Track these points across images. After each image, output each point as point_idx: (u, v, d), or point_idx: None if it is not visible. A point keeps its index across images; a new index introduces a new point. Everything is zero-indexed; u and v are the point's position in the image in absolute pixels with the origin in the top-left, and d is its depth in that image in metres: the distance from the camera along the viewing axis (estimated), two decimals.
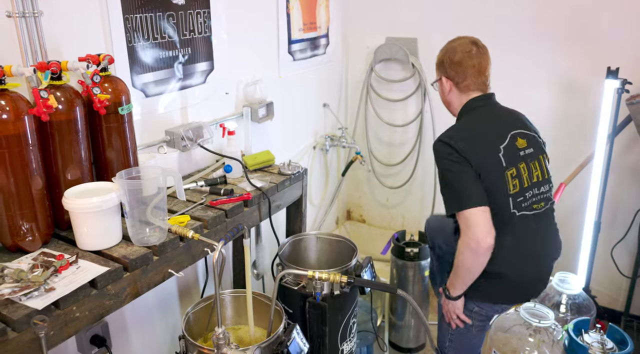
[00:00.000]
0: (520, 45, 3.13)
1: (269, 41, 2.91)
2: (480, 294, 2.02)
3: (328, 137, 3.52)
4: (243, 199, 2.13)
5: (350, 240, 2.39)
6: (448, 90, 2.07)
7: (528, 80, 3.17)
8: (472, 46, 2.02)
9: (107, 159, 1.96)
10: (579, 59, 3.00)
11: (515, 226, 1.91)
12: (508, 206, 1.88)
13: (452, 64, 2.01)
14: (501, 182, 1.87)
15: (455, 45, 2.05)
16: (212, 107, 2.59)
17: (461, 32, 3.29)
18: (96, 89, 1.76)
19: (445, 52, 2.05)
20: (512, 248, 1.91)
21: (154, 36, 2.21)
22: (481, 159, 1.88)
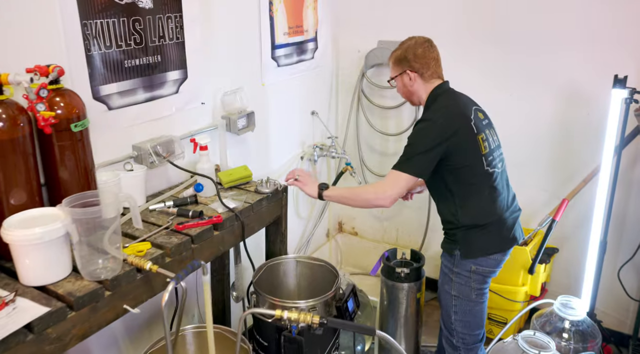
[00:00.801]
0: (520, 52, 2.94)
1: (250, 46, 2.72)
2: (475, 249, 2.18)
3: (317, 147, 3.33)
4: (212, 223, 1.94)
5: (331, 265, 2.21)
6: (412, 82, 2.25)
7: (529, 89, 2.97)
8: (427, 43, 2.26)
9: (60, 180, 1.77)
10: (583, 67, 2.80)
11: (490, 181, 2.17)
12: (482, 164, 2.14)
13: (416, 58, 2.22)
14: (475, 146, 2.14)
15: (413, 43, 2.26)
16: (186, 119, 2.40)
17: (459, 36, 3.14)
18: (40, 105, 1.58)
19: (406, 49, 2.25)
20: (489, 199, 2.18)
21: (118, 43, 2.02)
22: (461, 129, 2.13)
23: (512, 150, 3.05)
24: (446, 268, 2.27)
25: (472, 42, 3.06)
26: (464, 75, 3.11)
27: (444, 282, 2.30)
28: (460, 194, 2.16)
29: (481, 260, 2.19)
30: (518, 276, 2.88)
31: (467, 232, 2.17)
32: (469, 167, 2.13)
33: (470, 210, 2.16)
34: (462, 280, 2.22)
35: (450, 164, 2.11)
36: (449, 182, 2.16)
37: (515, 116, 3.02)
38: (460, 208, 2.16)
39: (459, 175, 2.14)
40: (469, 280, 2.21)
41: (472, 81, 3.09)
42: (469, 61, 3.08)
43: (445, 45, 3.08)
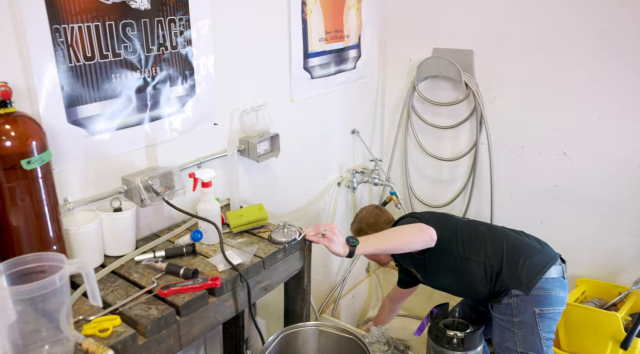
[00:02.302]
0: (597, 62, 2.40)
1: (278, 55, 2.27)
2: (530, 273, 2.00)
3: (357, 172, 2.86)
4: (207, 287, 1.51)
5: (362, 340, 1.73)
6: None
7: (608, 107, 2.43)
8: (377, 209, 2.42)
9: (12, 229, 1.38)
10: None
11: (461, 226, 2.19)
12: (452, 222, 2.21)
13: (370, 227, 2.34)
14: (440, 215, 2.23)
15: (363, 215, 2.42)
16: (194, 144, 1.98)
17: (527, 43, 2.60)
18: None
19: (359, 222, 2.41)
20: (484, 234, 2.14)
21: (102, 53, 1.61)
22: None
23: (597, 187, 2.52)
24: (504, 321, 2.04)
25: (546, 52, 2.52)
26: (535, 95, 2.59)
27: (504, 339, 2.05)
28: (466, 249, 2.07)
29: (543, 298, 1.98)
30: (605, 348, 2.31)
31: (509, 266, 2.01)
32: (448, 226, 2.13)
33: (486, 246, 2.06)
34: (528, 330, 1.99)
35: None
36: (448, 250, 2.08)
37: (604, 143, 2.47)
38: (478, 254, 2.05)
39: (446, 237, 2.06)
40: (535, 328, 1.99)
41: (548, 101, 2.56)
42: (543, 76, 2.55)
43: (510, 56, 2.60)
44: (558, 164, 2.62)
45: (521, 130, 2.69)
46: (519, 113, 2.67)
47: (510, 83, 2.66)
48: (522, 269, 1.99)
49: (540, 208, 2.72)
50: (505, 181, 2.82)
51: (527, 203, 2.76)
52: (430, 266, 2.10)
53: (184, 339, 1.46)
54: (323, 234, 1.80)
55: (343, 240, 1.83)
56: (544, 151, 2.65)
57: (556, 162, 2.63)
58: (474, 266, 2.04)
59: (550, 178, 2.68)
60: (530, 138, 2.67)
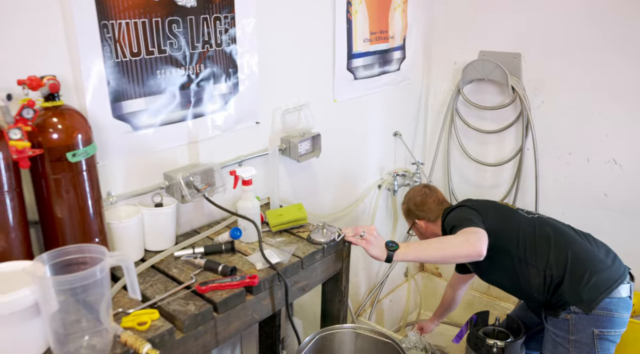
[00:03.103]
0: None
1: (321, 55, 2.26)
2: (594, 292, 1.86)
3: (398, 175, 2.82)
4: (245, 285, 1.50)
5: (399, 344, 1.70)
6: (425, 228, 2.29)
7: None
8: (425, 188, 2.34)
9: (55, 219, 1.40)
10: None
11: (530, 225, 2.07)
12: (515, 216, 2.10)
13: (418, 207, 2.29)
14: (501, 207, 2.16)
15: (411, 195, 2.35)
16: (236, 142, 1.98)
17: (577, 46, 2.52)
18: (15, 131, 1.20)
19: (407, 202, 2.35)
20: (553, 239, 1.99)
21: (148, 50, 1.63)
22: (482, 203, 2.17)
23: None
24: (558, 337, 1.94)
25: (598, 55, 2.44)
26: (584, 100, 2.51)
27: None
28: (527, 251, 1.96)
29: (604, 319, 1.86)
30: None
31: (571, 279, 1.87)
32: (510, 223, 2.03)
33: (549, 255, 1.93)
34: (584, 350, 1.89)
35: (492, 231, 1.92)
36: (507, 249, 1.98)
37: None
38: (540, 261, 1.93)
39: (506, 236, 1.99)
40: (592, 349, 1.88)
41: (599, 106, 2.48)
42: (593, 80, 2.47)
43: (559, 59, 2.52)
44: (608, 172, 2.53)
45: (569, 136, 2.61)
46: (567, 118, 2.59)
47: (559, 87, 2.58)
48: (585, 286, 1.85)
49: (588, 217, 2.62)
50: (551, 188, 2.73)
51: (574, 212, 2.67)
52: (484, 262, 1.89)
53: (220, 336, 1.45)
54: (361, 235, 1.77)
55: (382, 243, 1.79)
56: (593, 158, 2.56)
57: (606, 170, 2.54)
58: (532, 272, 1.94)
59: (599, 186, 2.58)
60: (579, 144, 2.59)
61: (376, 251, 1.77)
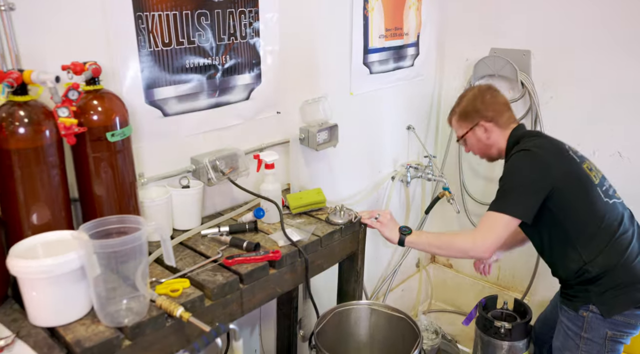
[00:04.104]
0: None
1: (339, 50, 2.37)
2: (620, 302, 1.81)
3: (411, 167, 2.92)
4: (269, 259, 1.60)
5: (413, 320, 1.80)
6: (488, 133, 2.03)
7: None
8: (490, 89, 2.07)
9: (95, 196, 1.52)
10: None
11: (612, 213, 1.85)
12: (598, 196, 1.85)
13: (487, 105, 2.01)
14: (584, 175, 1.86)
15: (477, 91, 2.07)
16: (257, 131, 2.09)
17: (586, 44, 2.61)
18: (63, 110, 1.31)
19: (473, 101, 2.04)
20: (617, 234, 1.84)
21: (179, 40, 1.74)
22: (562, 158, 1.89)
23: None
24: (570, 331, 1.92)
25: (605, 53, 2.52)
26: (592, 95, 2.59)
27: (565, 347, 1.95)
28: (581, 237, 1.83)
29: (621, 323, 1.83)
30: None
31: (604, 283, 1.81)
32: (584, 201, 1.83)
33: (600, 253, 1.81)
34: (594, 349, 1.87)
35: (560, 202, 1.81)
36: (565, 225, 1.83)
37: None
38: (587, 254, 1.82)
39: (573, 212, 1.83)
40: (602, 350, 1.87)
41: (604, 101, 2.56)
42: (601, 76, 2.55)
43: (568, 56, 2.61)
44: (613, 164, 2.61)
45: (576, 130, 2.69)
46: (575, 113, 2.68)
47: (567, 84, 2.66)
48: (615, 295, 1.80)
49: None
50: None
51: None
52: (536, 219, 1.81)
53: (245, 306, 1.55)
54: (376, 218, 1.87)
55: (396, 226, 1.89)
56: (599, 151, 2.65)
57: (611, 163, 2.62)
58: (573, 256, 1.83)
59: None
60: (586, 138, 2.67)
61: (390, 233, 1.87)
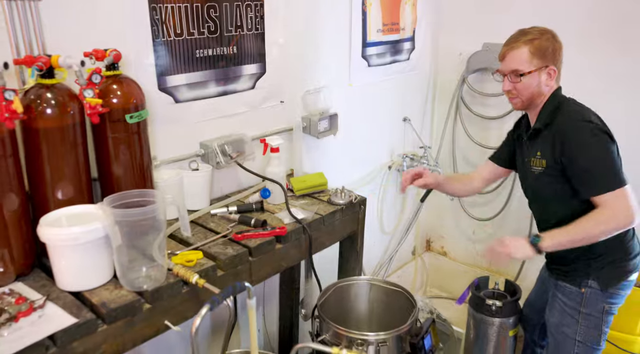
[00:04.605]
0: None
1: (339, 43, 2.49)
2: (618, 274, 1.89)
3: (407, 157, 3.04)
4: (275, 235, 1.72)
5: (409, 292, 1.92)
6: (549, 81, 1.91)
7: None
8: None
9: (114, 176, 1.63)
10: None
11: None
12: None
13: (560, 53, 1.90)
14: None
15: (552, 33, 1.91)
16: (262, 118, 2.20)
17: (573, 38, 2.71)
18: (88, 91, 1.42)
19: (552, 40, 1.89)
20: None
21: (189, 31, 1.86)
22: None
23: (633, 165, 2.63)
24: (568, 307, 1.96)
25: (595, 49, 2.65)
26: (579, 85, 2.71)
27: (563, 323, 1.99)
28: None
29: (616, 295, 1.90)
30: (636, 323, 2.43)
31: (604, 259, 1.87)
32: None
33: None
34: (592, 323, 1.92)
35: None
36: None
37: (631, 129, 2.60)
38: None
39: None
40: (600, 322, 1.92)
41: (592, 92, 2.68)
42: (587, 68, 2.68)
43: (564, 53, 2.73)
44: None
45: None
46: None
47: None
48: (611, 270, 1.87)
49: None
50: None
51: None
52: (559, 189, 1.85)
53: (254, 277, 1.67)
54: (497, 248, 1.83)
55: (521, 241, 1.79)
56: None
57: None
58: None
59: None
60: None
61: (523, 252, 1.77)
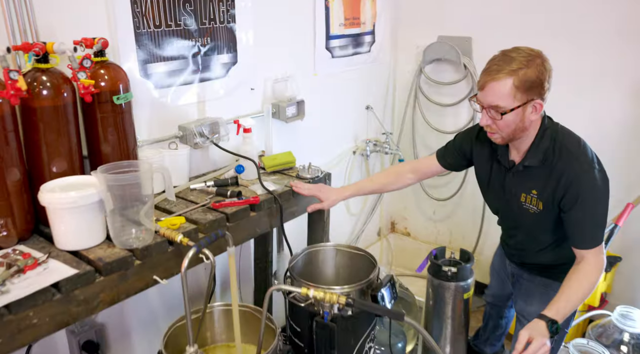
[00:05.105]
0: (585, 47, 2.77)
1: (304, 35, 2.70)
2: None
3: (370, 142, 3.27)
4: (249, 203, 1.93)
5: (371, 255, 2.13)
6: (535, 114, 1.78)
7: (595, 87, 2.80)
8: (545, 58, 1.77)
9: (102, 153, 1.81)
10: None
11: None
12: None
13: (549, 79, 1.75)
14: None
15: (542, 60, 1.74)
16: (235, 104, 2.40)
17: (521, 31, 3.00)
18: (81, 73, 1.61)
19: (541, 66, 1.72)
20: None
21: (167, 23, 2.05)
22: None
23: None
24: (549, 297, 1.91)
25: (536, 39, 2.89)
26: None
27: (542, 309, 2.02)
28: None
29: None
30: None
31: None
32: None
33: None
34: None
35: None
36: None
37: (580, 115, 2.85)
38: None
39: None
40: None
41: None
42: None
43: (503, 42, 2.94)
44: None
45: None
46: None
47: None
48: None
49: None
50: None
51: None
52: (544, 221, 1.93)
53: (232, 241, 1.87)
54: None
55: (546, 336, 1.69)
56: None
57: None
58: (570, 251, 1.87)
59: None
60: None
61: (545, 339, 1.68)
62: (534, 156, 1.84)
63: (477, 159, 2.10)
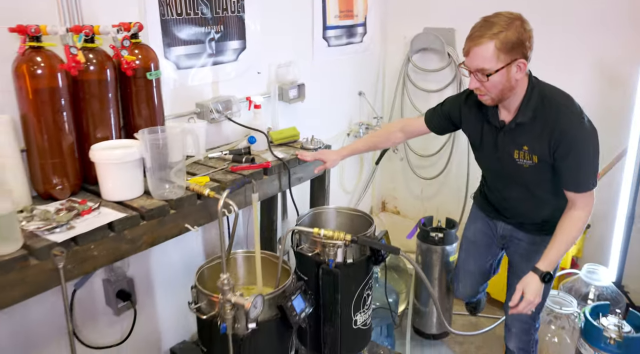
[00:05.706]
0: (554, 32, 3.08)
1: (304, 26, 3.00)
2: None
3: (362, 125, 3.57)
4: (263, 167, 2.22)
5: (369, 215, 2.43)
6: (520, 73, 1.89)
7: (561, 68, 3.10)
8: (524, 20, 1.88)
9: (135, 123, 2.08)
10: (617, 46, 2.93)
11: None
12: None
13: (530, 39, 1.85)
14: None
15: (522, 22, 1.84)
16: (244, 85, 2.69)
17: None
18: (124, 51, 1.89)
19: (520, 29, 1.82)
20: None
21: (187, 12, 2.34)
22: None
23: None
24: (542, 249, 2.07)
25: None
26: None
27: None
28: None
29: None
30: None
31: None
32: None
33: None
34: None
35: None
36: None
37: None
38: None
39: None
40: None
41: None
42: None
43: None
44: None
45: None
46: None
47: None
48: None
49: None
50: None
51: None
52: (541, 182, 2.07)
53: (249, 199, 2.15)
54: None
55: (534, 284, 1.95)
56: None
57: None
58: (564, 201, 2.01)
59: None
60: None
61: (539, 291, 1.96)
62: (525, 114, 1.95)
63: (466, 123, 2.20)
